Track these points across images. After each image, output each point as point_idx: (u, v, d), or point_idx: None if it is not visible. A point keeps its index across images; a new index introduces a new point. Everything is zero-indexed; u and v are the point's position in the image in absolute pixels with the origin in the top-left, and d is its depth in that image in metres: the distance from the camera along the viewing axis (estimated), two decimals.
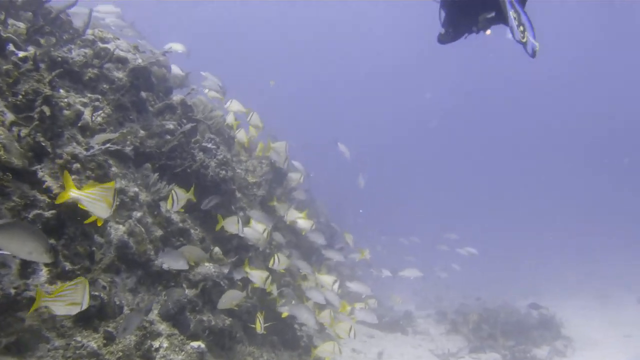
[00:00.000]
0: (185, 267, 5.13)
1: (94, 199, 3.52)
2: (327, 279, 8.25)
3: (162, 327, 4.57)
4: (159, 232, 5.47)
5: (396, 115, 62.38)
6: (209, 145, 6.84)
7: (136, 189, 5.32)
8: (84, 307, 3.29)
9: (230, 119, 10.23)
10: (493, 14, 4.11)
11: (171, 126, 6.32)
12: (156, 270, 5.16)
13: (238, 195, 7.66)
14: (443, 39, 4.51)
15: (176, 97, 7.18)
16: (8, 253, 3.40)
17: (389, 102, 61.52)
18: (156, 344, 4.30)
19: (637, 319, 17.25)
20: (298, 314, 7.80)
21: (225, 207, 7.19)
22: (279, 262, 8.81)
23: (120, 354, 3.89)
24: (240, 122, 11.17)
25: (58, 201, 3.59)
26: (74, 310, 3.26)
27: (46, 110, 4.14)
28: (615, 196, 51.87)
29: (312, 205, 15.86)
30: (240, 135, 9.11)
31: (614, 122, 57.36)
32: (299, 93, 55.19)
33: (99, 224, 3.86)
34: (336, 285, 8.24)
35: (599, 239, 37.85)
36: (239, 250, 7.58)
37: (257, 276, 7.52)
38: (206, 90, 8.78)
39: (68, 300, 3.22)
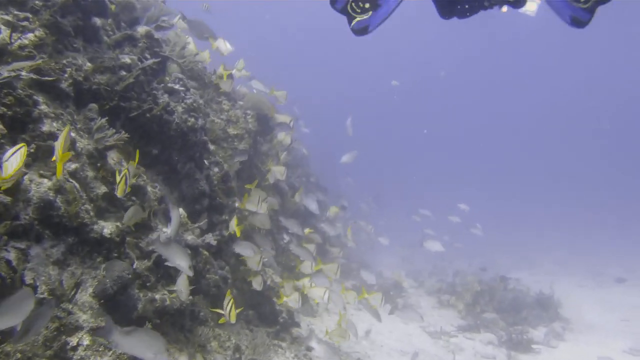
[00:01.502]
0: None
1: None
2: (317, 291, 7.33)
3: (85, 317, 3.53)
4: (102, 190, 4.39)
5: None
6: (176, 87, 5.71)
7: (72, 134, 4.21)
8: None
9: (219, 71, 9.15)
10: None
11: (128, 60, 5.15)
12: (95, 237, 4.10)
13: (211, 147, 6.55)
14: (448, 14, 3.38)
15: (141, 28, 5.99)
16: None
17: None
18: (73, 340, 3.27)
19: (633, 301, 16.66)
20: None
21: (196, 161, 6.11)
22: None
23: (19, 355, 2.88)
24: (231, 73, 10.04)
25: None
26: None
27: None
28: (616, 176, 51.96)
29: (303, 163, 14.81)
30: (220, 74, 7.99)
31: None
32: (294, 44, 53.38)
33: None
34: (326, 296, 7.44)
35: (597, 217, 37.62)
36: (211, 213, 6.54)
37: (246, 248, 6.55)
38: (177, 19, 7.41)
39: None
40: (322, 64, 57.83)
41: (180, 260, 4.54)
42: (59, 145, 3.18)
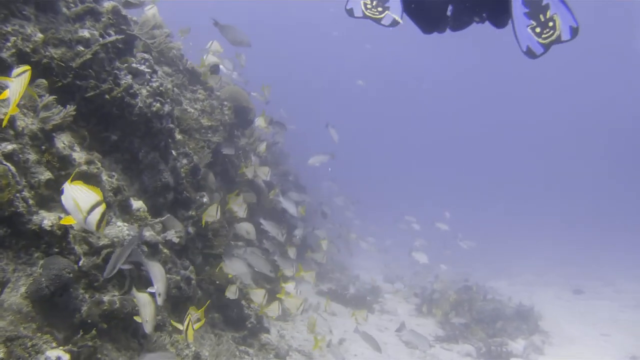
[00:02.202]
0: None
1: None
2: (294, 302, 6.93)
3: (2, 323, 3.01)
4: (46, 176, 3.88)
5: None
6: (141, 68, 5.20)
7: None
8: None
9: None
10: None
11: (87, 34, 4.64)
12: (32, 229, 3.59)
13: (179, 137, 6.05)
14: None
15: (108, 3, 5.47)
16: None
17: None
18: None
19: (612, 315, 16.48)
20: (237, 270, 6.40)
21: (160, 151, 5.61)
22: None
23: None
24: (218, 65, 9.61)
25: None
26: None
27: None
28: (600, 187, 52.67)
29: (282, 161, 14.35)
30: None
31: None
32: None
33: None
34: (302, 308, 7.35)
35: (578, 228, 37.81)
36: (176, 207, 6.04)
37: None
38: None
39: None
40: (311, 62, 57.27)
41: (157, 281, 4.05)
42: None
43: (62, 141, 4.27)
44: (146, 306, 4.00)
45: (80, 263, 3.95)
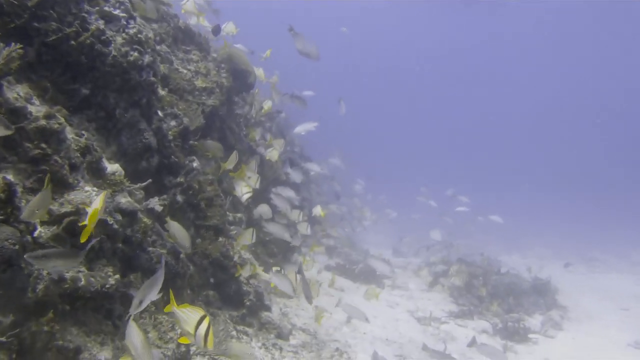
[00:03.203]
0: None
1: None
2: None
3: None
4: None
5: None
6: (115, 12, 4.51)
7: None
8: None
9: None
10: None
11: None
12: None
13: (162, 93, 5.38)
14: None
15: None
16: None
17: None
18: None
19: (629, 288, 15.92)
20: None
21: (142, 109, 4.95)
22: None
23: None
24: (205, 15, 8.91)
25: None
26: None
27: None
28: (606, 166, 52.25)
29: (289, 132, 13.68)
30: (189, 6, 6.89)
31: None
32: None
33: None
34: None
35: (588, 203, 37.34)
36: (162, 173, 5.42)
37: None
38: None
39: None
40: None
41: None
42: None
43: (17, 92, 3.62)
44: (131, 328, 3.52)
45: (36, 233, 3.35)
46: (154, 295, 3.33)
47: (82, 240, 3.08)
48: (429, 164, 50.47)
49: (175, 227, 4.97)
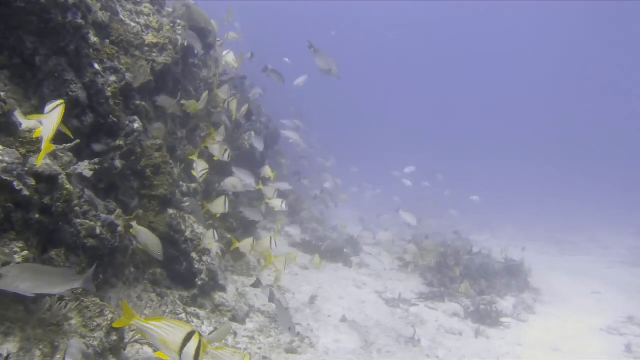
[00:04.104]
0: None
1: None
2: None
3: None
4: None
5: None
6: None
7: None
8: None
9: None
10: None
11: None
12: None
13: (94, 40, 4.62)
14: None
15: None
16: None
17: None
18: None
19: (600, 271, 15.82)
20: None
21: (70, 57, 4.20)
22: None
23: None
24: None
25: None
26: None
27: None
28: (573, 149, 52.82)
29: (254, 101, 12.91)
30: None
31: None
32: None
33: None
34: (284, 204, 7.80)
35: (561, 184, 37.63)
36: (99, 134, 4.70)
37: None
38: None
39: None
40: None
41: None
42: None
43: None
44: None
45: None
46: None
47: None
48: (402, 139, 50.27)
49: (143, 233, 4.71)
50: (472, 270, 11.10)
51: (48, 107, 3.03)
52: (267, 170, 8.64)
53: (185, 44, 7.29)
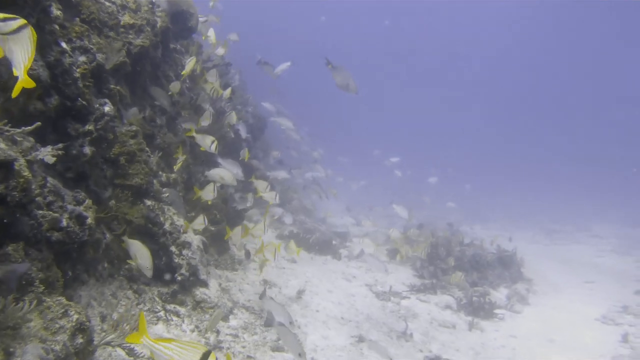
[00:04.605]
0: None
1: None
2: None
3: None
4: None
5: None
6: None
7: None
8: None
9: None
10: None
11: None
12: None
13: (55, 13, 4.22)
14: None
15: None
16: None
17: None
18: None
19: (591, 260, 15.69)
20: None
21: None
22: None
23: None
24: None
25: None
26: None
27: None
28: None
29: (238, 89, 12.53)
30: None
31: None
32: None
33: None
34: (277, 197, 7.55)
35: (551, 174, 37.65)
36: (65, 119, 4.32)
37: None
38: None
39: None
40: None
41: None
42: None
43: None
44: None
45: None
46: None
47: None
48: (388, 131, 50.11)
49: (135, 246, 4.46)
50: (463, 261, 10.85)
51: (4, 25, 2.10)
52: (243, 152, 8.47)
53: (165, 27, 6.90)
